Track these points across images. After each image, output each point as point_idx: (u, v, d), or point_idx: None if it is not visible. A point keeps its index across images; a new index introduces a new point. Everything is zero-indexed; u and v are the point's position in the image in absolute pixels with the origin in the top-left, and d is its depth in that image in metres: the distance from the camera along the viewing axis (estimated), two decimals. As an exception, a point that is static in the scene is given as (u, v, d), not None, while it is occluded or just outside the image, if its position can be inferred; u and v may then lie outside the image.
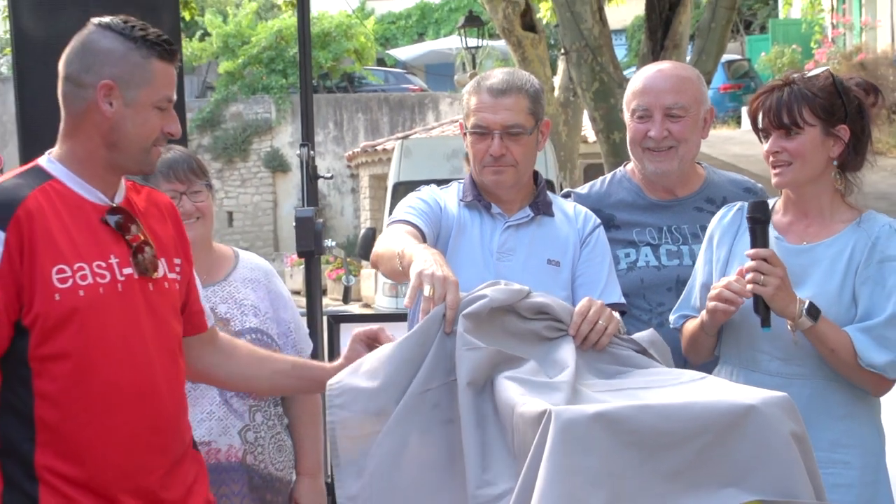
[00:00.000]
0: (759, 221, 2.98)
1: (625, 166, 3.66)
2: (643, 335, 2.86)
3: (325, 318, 4.41)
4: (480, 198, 3.30)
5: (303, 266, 4.60)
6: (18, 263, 2.49)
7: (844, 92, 2.97)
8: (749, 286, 2.91)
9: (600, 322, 2.80)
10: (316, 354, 4.42)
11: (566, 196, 3.66)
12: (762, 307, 2.92)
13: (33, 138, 5.23)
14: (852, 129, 2.97)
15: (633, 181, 3.59)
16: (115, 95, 2.59)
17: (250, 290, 3.51)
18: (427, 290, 2.67)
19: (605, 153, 12.28)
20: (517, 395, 2.46)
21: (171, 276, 2.74)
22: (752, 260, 2.92)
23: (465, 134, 3.33)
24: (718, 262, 3.13)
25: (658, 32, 12.23)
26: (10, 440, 2.52)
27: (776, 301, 2.90)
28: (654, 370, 2.75)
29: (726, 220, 3.17)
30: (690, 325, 3.14)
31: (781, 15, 30.71)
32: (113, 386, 2.56)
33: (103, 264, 2.57)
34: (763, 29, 31.30)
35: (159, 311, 2.67)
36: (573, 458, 2.27)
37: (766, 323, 2.93)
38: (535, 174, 3.37)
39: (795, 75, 3.01)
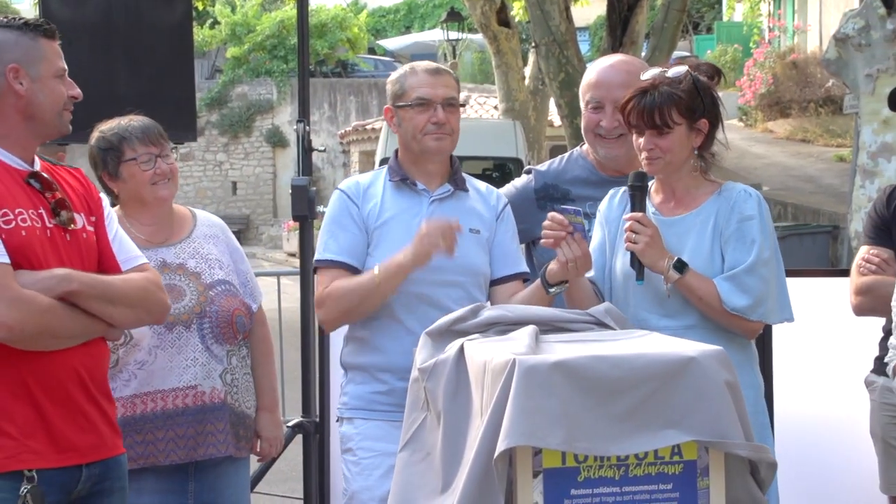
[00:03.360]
0: (637, 189, 3.06)
1: (581, 146, 3.65)
2: (598, 308, 2.84)
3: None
4: (406, 177, 3.31)
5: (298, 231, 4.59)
6: None
7: (702, 89, 3.02)
8: (626, 244, 2.99)
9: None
10: (307, 307, 4.41)
11: (528, 172, 3.67)
12: (636, 262, 2.99)
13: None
14: (710, 120, 3.03)
15: (587, 160, 3.58)
16: (22, 76, 2.67)
17: (212, 245, 3.46)
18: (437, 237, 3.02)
19: (568, 136, 12.31)
20: (486, 353, 2.45)
21: (89, 228, 2.79)
22: (628, 221, 3.00)
23: (392, 116, 3.31)
24: (609, 237, 3.14)
25: (617, 30, 12.25)
26: None
27: (646, 256, 2.97)
28: (608, 331, 2.75)
29: (616, 200, 3.20)
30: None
31: (725, 18, 30.71)
32: None
33: (34, 213, 2.66)
34: (709, 30, 31.25)
35: (80, 254, 2.74)
36: (535, 400, 2.28)
37: (640, 276, 3.00)
38: (450, 156, 3.38)
39: (662, 76, 3.03)
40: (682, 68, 3.05)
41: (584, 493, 2.35)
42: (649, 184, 3.15)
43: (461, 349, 2.57)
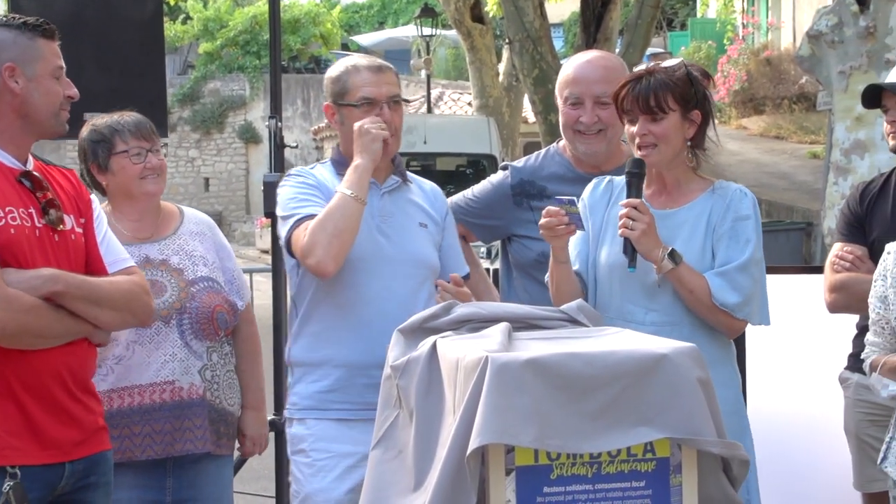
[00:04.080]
0: (634, 175, 3.05)
1: (557, 143, 3.66)
2: (571, 305, 2.83)
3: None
4: None
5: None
6: None
7: (695, 81, 3.04)
8: (620, 230, 2.97)
9: None
10: (279, 304, 4.40)
11: (504, 168, 3.67)
12: (630, 249, 2.98)
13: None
14: (702, 113, 3.05)
15: (563, 156, 3.60)
16: (18, 74, 2.71)
17: (198, 242, 3.47)
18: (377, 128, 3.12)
19: (542, 132, 12.32)
20: (459, 351, 2.45)
21: (78, 230, 2.81)
22: (625, 208, 2.99)
23: (333, 114, 3.31)
24: (594, 228, 3.14)
25: (591, 27, 12.27)
26: None
27: (641, 244, 2.96)
28: (582, 329, 2.75)
29: (599, 189, 3.20)
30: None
31: (699, 14, 30.81)
32: None
33: (24, 212, 2.68)
34: (683, 26, 31.39)
35: (67, 255, 2.75)
36: (507, 397, 2.28)
37: (632, 263, 2.98)
38: None
39: (656, 66, 3.06)
40: (678, 60, 3.08)
41: (557, 490, 2.35)
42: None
43: (434, 346, 2.57)
